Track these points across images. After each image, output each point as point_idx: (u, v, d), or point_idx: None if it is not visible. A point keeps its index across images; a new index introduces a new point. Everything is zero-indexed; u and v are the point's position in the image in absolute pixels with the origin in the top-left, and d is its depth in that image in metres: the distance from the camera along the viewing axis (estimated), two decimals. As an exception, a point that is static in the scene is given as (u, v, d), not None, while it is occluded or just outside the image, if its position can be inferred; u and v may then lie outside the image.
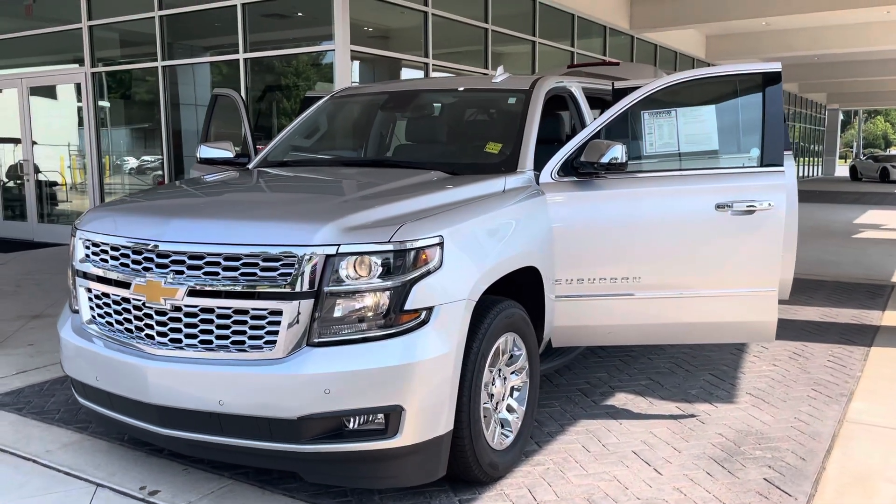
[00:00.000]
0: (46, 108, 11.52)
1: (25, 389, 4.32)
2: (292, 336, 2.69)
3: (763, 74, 3.74)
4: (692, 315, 3.75)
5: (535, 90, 4.09)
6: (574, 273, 3.67)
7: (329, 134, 5.06)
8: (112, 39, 10.52)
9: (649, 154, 3.85)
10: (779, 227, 3.63)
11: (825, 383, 4.42)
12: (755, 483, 3.15)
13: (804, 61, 24.03)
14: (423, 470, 2.84)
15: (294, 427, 2.68)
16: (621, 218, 3.68)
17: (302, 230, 2.74)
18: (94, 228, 3.16)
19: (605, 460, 3.37)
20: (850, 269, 8.49)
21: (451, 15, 10.12)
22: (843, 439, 3.60)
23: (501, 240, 3.23)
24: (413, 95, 4.78)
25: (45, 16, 10.88)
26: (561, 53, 12.85)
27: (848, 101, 38.15)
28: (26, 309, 6.41)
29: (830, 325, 5.85)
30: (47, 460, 3.37)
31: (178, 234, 2.85)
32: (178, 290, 2.78)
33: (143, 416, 2.90)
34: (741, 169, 3.76)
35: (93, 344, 3.06)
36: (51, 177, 11.46)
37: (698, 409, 4.00)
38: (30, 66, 11.42)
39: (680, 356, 4.98)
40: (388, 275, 2.71)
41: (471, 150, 4.24)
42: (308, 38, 9.25)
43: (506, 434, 3.24)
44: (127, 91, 10.74)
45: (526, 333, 3.33)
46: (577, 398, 4.18)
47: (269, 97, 9.55)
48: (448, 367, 2.78)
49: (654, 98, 3.79)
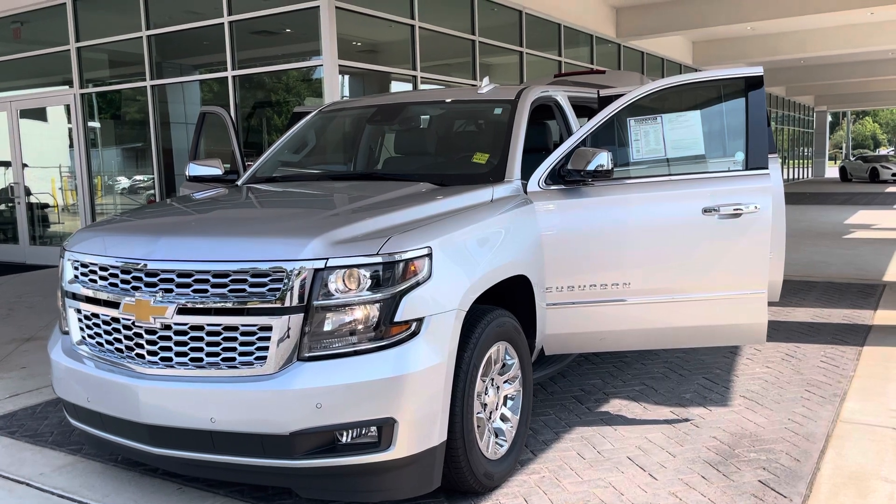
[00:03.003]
0: (36, 130, 11.51)
1: (18, 412, 4.30)
2: (283, 351, 2.69)
3: (745, 79, 3.78)
4: (683, 319, 3.77)
5: (521, 100, 4.11)
6: (564, 280, 3.68)
7: (318, 148, 5.07)
8: (100, 60, 10.55)
9: (636, 160, 3.88)
10: (766, 230, 3.66)
11: (818, 384, 4.43)
12: (750, 485, 3.15)
13: (791, 65, 24.26)
14: (417, 482, 2.84)
15: (287, 442, 2.67)
16: (609, 224, 3.70)
17: (290, 245, 2.74)
18: (83, 249, 3.16)
19: (600, 467, 3.37)
20: (841, 269, 8.52)
21: (438, 28, 10.18)
22: (837, 439, 3.61)
23: (490, 249, 3.24)
24: (400, 108, 4.80)
25: (32, 38, 10.91)
26: (548, 63, 12.93)
27: (835, 102, 38.43)
28: (19, 332, 6.38)
29: (823, 325, 5.87)
30: (41, 483, 3.35)
31: (165, 252, 2.85)
32: (167, 309, 2.78)
33: (135, 436, 2.89)
34: (727, 173, 3.79)
35: (83, 365, 3.05)
36: (42, 199, 11.45)
37: (692, 413, 4.00)
38: (19, 88, 11.44)
39: (673, 360, 4.99)
40: (378, 287, 2.71)
41: (458, 161, 4.26)
42: (296, 53, 9.29)
43: (500, 443, 3.24)
44: (116, 111, 10.75)
45: (518, 342, 3.34)
46: (571, 405, 4.18)
47: (259, 113, 9.58)
48: (440, 377, 2.79)
49: (639, 105, 3.83)
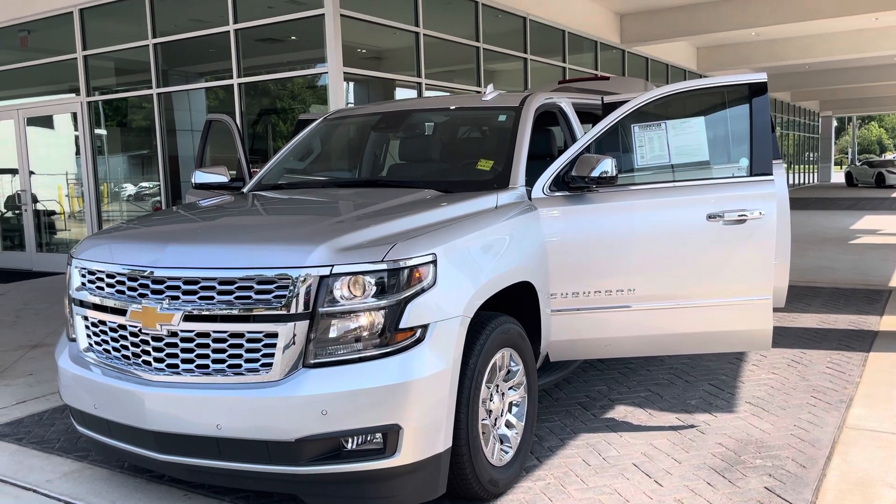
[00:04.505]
0: (43, 137, 11.59)
1: (25, 419, 4.32)
2: (288, 358, 2.70)
3: (749, 85, 3.78)
4: (688, 325, 3.77)
5: (525, 107, 4.13)
6: (569, 287, 3.68)
7: (323, 156, 5.09)
8: (107, 68, 10.61)
9: (640, 167, 3.88)
10: (770, 236, 3.66)
11: (824, 390, 4.42)
12: (756, 492, 3.14)
13: (795, 70, 24.21)
14: (422, 488, 2.84)
15: (292, 449, 2.68)
16: (614, 230, 3.71)
17: (295, 252, 2.76)
18: (90, 256, 3.18)
19: (605, 473, 3.37)
20: (847, 274, 8.50)
21: (443, 35, 10.21)
22: (843, 445, 3.60)
23: (495, 256, 3.25)
24: (405, 115, 4.82)
25: (40, 47, 10.99)
26: (553, 69, 12.95)
27: (841, 107, 38.38)
28: (26, 339, 6.41)
29: (829, 331, 5.85)
30: (48, 490, 3.36)
31: (172, 259, 2.87)
32: (173, 316, 2.80)
33: (142, 443, 2.90)
34: (731, 179, 3.79)
35: (90, 372, 3.06)
36: (49, 206, 11.50)
37: (698, 420, 4.00)
38: (26, 96, 11.52)
39: (679, 367, 4.98)
40: (383, 294, 2.72)
41: (463, 167, 4.28)
42: (301, 61, 9.33)
43: (505, 450, 3.24)
44: (123, 119, 10.81)
45: (523, 348, 3.34)
46: (576, 412, 4.18)
47: (265, 120, 9.63)
48: (445, 384, 2.79)
49: (643, 111, 3.83)
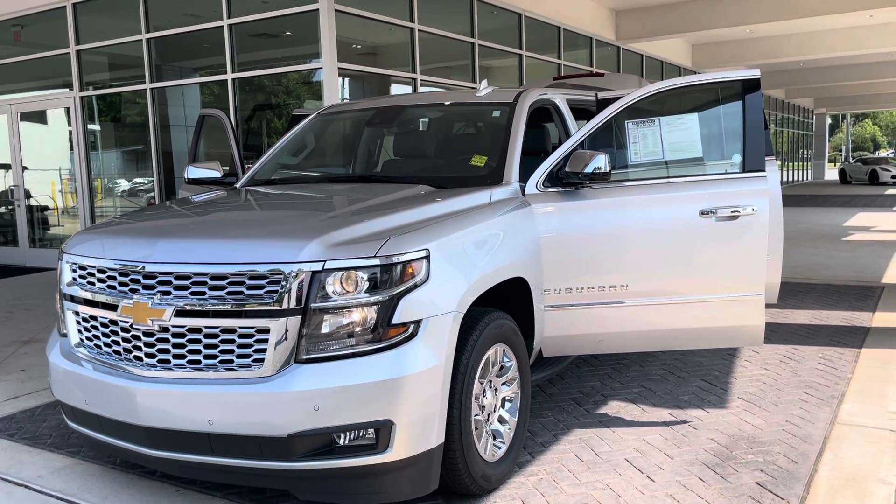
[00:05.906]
0: (37, 132, 11.53)
1: (17, 415, 4.30)
2: (280, 354, 2.70)
3: (742, 82, 3.79)
4: (681, 321, 3.77)
5: (519, 103, 4.12)
6: (562, 282, 3.68)
7: (317, 151, 5.08)
8: (100, 63, 10.56)
9: (634, 163, 3.88)
10: (763, 232, 3.67)
11: (816, 386, 4.44)
12: (747, 487, 3.16)
13: (790, 67, 24.25)
14: (415, 484, 2.84)
15: (284, 445, 2.68)
16: (607, 226, 3.71)
17: (288, 247, 2.75)
18: (81, 252, 3.17)
19: (598, 469, 3.38)
20: (840, 271, 8.53)
21: (438, 30, 10.19)
22: (835, 441, 3.61)
23: (488, 251, 3.25)
24: (399, 111, 4.81)
25: (32, 41, 10.92)
26: (548, 65, 12.94)
27: (835, 105, 38.43)
28: (18, 334, 6.39)
29: (821, 327, 5.87)
30: (39, 485, 3.35)
31: (163, 254, 2.86)
32: (165, 311, 2.79)
33: (133, 439, 2.89)
34: (724, 175, 3.80)
35: (81, 367, 3.05)
36: (42, 201, 11.46)
37: (690, 415, 4.01)
38: (19, 91, 11.45)
39: (672, 363, 4.99)
40: (375, 289, 2.72)
41: (457, 163, 4.27)
42: (296, 56, 9.30)
43: (498, 445, 3.24)
44: (116, 114, 10.77)
45: (516, 344, 3.34)
46: (569, 407, 4.18)
47: (259, 116, 9.59)
48: (437, 379, 2.79)
49: (637, 107, 3.83)
